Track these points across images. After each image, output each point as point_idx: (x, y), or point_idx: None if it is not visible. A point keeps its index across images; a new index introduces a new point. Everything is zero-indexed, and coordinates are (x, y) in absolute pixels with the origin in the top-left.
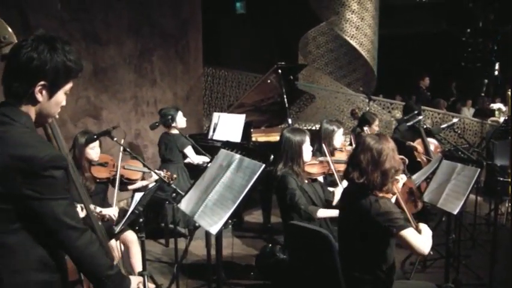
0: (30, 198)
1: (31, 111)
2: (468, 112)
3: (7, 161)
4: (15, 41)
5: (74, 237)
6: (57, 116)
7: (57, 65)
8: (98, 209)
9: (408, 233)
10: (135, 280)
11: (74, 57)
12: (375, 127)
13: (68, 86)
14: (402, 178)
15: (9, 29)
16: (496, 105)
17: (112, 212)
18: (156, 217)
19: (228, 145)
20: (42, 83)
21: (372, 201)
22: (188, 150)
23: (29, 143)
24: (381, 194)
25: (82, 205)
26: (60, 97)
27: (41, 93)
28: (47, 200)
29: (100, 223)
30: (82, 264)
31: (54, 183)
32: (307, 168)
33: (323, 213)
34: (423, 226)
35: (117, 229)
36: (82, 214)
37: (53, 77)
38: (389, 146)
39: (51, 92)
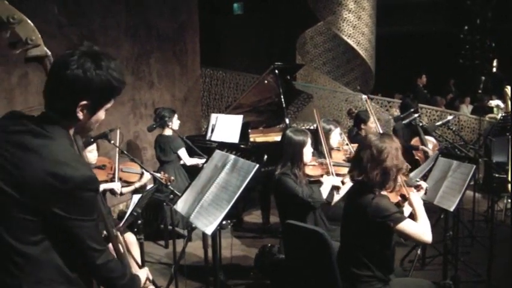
0: (58, 216)
1: (70, 127)
2: (466, 109)
3: (43, 176)
4: (41, 43)
5: (95, 258)
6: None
7: (102, 84)
8: (102, 186)
9: (406, 225)
10: (143, 274)
11: (118, 75)
12: (371, 125)
13: (110, 104)
14: (424, 187)
15: (36, 32)
16: (494, 102)
17: (116, 186)
18: (155, 219)
19: (223, 146)
20: (84, 102)
21: (370, 199)
22: (182, 152)
23: (66, 162)
24: (383, 193)
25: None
26: (101, 115)
27: (82, 112)
28: (74, 220)
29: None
30: (100, 279)
31: (84, 204)
32: (307, 170)
33: (323, 192)
34: (414, 198)
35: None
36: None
37: (97, 96)
38: (392, 145)
39: (93, 111)
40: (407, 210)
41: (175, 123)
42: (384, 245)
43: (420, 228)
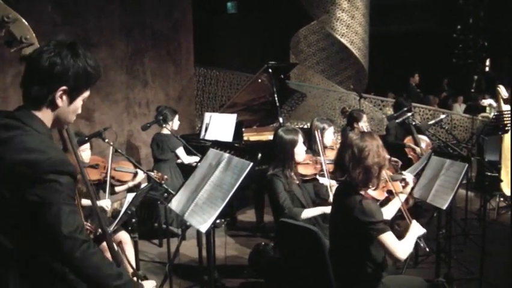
0: (33, 204)
1: (48, 116)
2: (459, 108)
3: (12, 166)
4: (36, 42)
5: (72, 248)
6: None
7: (79, 70)
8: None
9: (387, 238)
10: (149, 285)
11: (94, 64)
12: (363, 123)
13: (87, 94)
14: (409, 180)
15: (31, 31)
16: (486, 101)
17: (105, 203)
18: (150, 217)
19: (217, 144)
20: (64, 88)
21: (357, 200)
22: (180, 151)
23: (35, 148)
24: (367, 191)
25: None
26: (79, 104)
27: (61, 98)
28: (48, 204)
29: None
30: (85, 277)
31: (57, 188)
32: (301, 169)
33: (306, 214)
34: (414, 224)
35: (110, 229)
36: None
37: (75, 82)
38: (373, 142)
39: (72, 98)
40: (396, 203)
41: (175, 123)
42: (371, 243)
43: (399, 245)
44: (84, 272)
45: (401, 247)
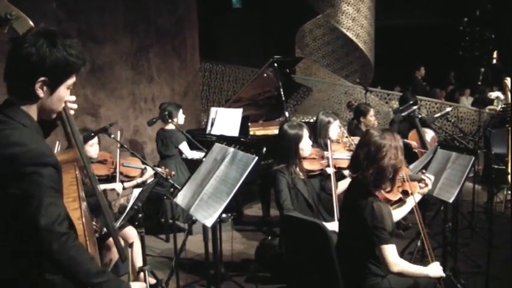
0: (14, 196)
1: (32, 108)
2: (466, 101)
3: None
4: (23, 16)
5: (49, 240)
6: (73, 112)
7: (57, 60)
8: (103, 186)
9: (387, 250)
10: (137, 286)
11: (75, 52)
12: (371, 117)
13: (71, 81)
14: (429, 182)
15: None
16: (494, 94)
17: (117, 186)
18: (156, 213)
19: (222, 139)
20: (42, 79)
21: (369, 202)
22: (183, 146)
23: (17, 142)
24: (381, 193)
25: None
26: (63, 92)
27: (41, 89)
28: (28, 197)
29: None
30: (62, 270)
31: (37, 180)
32: (306, 165)
33: None
34: (434, 265)
35: (117, 225)
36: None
37: (53, 72)
38: (392, 143)
39: (53, 88)
40: (410, 204)
41: (180, 118)
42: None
43: (396, 260)
44: (61, 264)
45: (398, 264)
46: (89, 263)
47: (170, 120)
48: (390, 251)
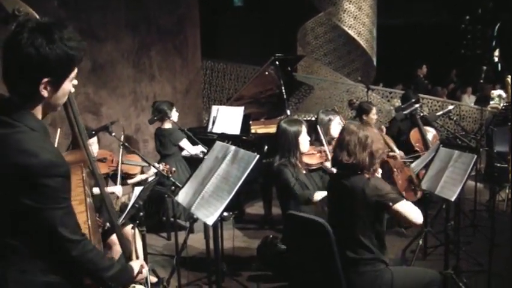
0: (27, 207)
1: (37, 107)
2: (468, 100)
3: (6, 168)
4: (32, 11)
5: (69, 248)
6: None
7: (59, 57)
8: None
9: (403, 205)
10: (137, 265)
11: (74, 43)
12: (373, 116)
13: (74, 74)
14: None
15: (21, 2)
16: (496, 92)
17: (117, 189)
18: (157, 211)
19: (224, 137)
20: (45, 80)
21: (364, 180)
22: (184, 143)
23: (27, 150)
24: (369, 175)
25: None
26: (67, 86)
27: (46, 89)
28: (43, 209)
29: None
30: (84, 272)
31: (51, 191)
32: (306, 159)
33: (320, 195)
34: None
35: (118, 223)
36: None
37: (56, 71)
38: (373, 131)
39: (57, 86)
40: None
41: (174, 115)
42: (380, 222)
43: (415, 210)
44: (83, 267)
45: (417, 212)
46: (104, 260)
47: (167, 118)
48: (406, 206)
